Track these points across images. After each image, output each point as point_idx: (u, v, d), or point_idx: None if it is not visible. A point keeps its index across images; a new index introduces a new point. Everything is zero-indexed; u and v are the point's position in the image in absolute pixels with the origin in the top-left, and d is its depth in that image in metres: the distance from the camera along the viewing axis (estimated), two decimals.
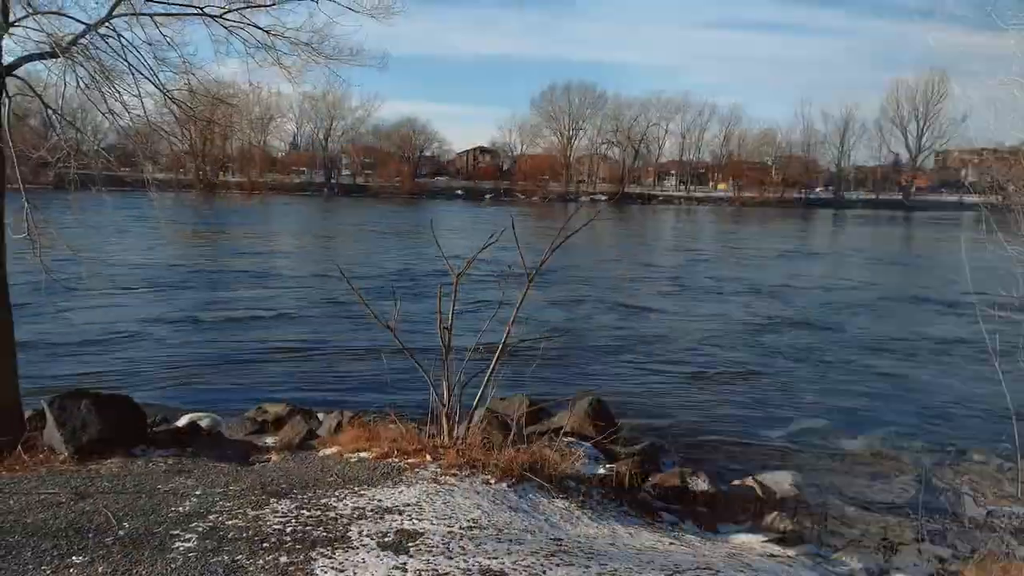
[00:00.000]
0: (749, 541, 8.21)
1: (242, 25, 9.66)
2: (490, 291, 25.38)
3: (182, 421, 12.67)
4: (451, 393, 9.25)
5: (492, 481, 8.06)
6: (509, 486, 8.01)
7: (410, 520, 6.66)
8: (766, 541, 8.18)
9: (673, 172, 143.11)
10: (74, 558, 5.78)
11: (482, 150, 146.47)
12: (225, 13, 9.39)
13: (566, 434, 11.01)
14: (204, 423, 12.69)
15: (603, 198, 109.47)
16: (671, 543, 7.37)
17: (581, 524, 7.50)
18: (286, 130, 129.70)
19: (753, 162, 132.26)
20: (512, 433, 9.89)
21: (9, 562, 5.69)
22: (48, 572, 5.53)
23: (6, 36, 8.21)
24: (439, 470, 8.23)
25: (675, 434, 13.54)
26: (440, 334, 9.18)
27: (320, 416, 12.93)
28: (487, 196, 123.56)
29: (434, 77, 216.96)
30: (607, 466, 10.39)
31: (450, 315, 9.41)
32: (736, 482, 10.88)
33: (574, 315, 25.14)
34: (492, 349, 9.48)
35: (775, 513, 9.16)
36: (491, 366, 9.27)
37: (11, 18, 8.03)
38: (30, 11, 8.04)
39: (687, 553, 6.96)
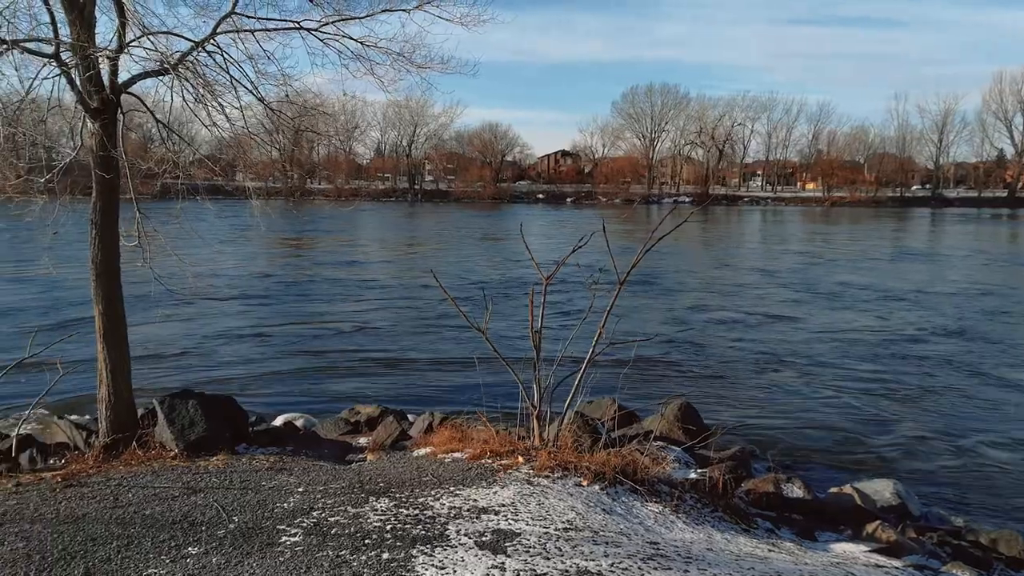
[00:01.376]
0: (851, 550, 7.98)
1: (336, 37, 9.95)
2: (579, 295, 25.51)
3: (278, 421, 13.13)
4: (542, 396, 9.31)
5: (584, 483, 8.07)
6: (602, 489, 8.02)
7: (506, 520, 6.75)
8: (869, 551, 7.93)
9: (759, 172, 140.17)
10: (190, 549, 6.09)
11: (563, 153, 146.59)
12: (321, 26, 9.70)
13: (656, 438, 10.96)
14: (299, 423, 13.12)
15: (687, 200, 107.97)
16: (770, 550, 7.25)
17: (676, 529, 7.44)
18: (371, 137, 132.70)
19: (844, 160, 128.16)
20: (602, 437, 9.91)
21: (132, 551, 6.04)
22: (167, 562, 5.84)
23: (121, 55, 8.67)
24: (531, 472, 8.29)
25: (767, 440, 13.26)
26: (531, 337, 9.24)
27: (410, 417, 13.17)
28: (568, 199, 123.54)
29: (516, 82, 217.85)
30: (698, 471, 10.28)
31: (540, 318, 9.46)
32: (833, 490, 10.58)
33: (663, 319, 24.88)
34: (582, 352, 9.50)
35: (877, 523, 8.87)
36: (581, 369, 9.28)
37: (127, 39, 8.49)
38: (144, 32, 8.49)
39: (787, 560, 6.83)
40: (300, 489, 7.70)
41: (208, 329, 22.08)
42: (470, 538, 6.31)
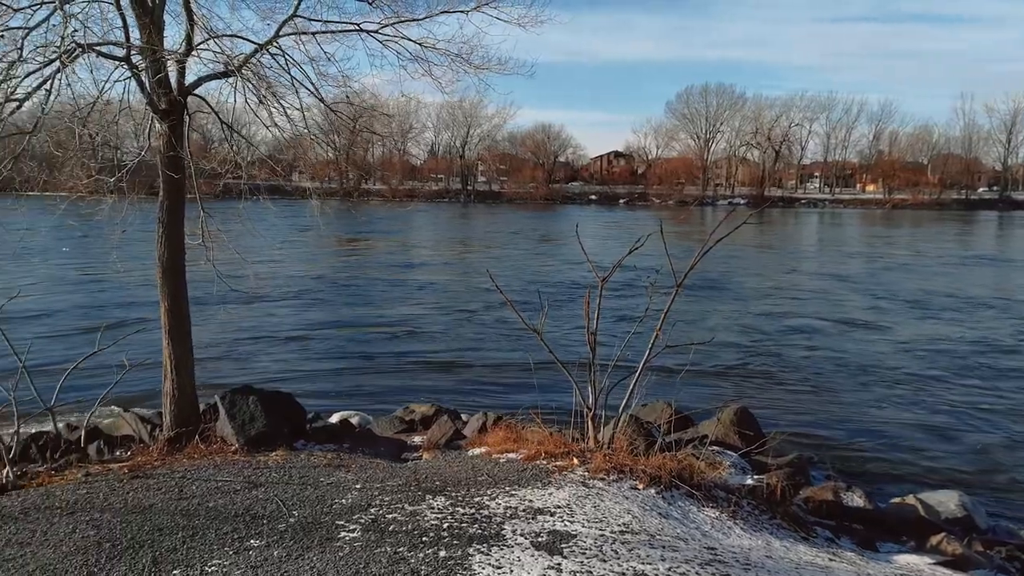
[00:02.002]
0: (915, 562, 7.77)
1: (396, 39, 10.06)
2: (635, 298, 25.34)
3: (334, 418, 13.29)
4: (597, 398, 9.26)
5: (640, 487, 8.01)
6: (657, 492, 7.94)
7: (562, 521, 6.73)
8: (934, 563, 7.71)
9: (817, 174, 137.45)
10: (252, 541, 6.21)
11: (616, 154, 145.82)
12: (381, 28, 9.81)
13: (711, 443, 10.82)
14: (354, 420, 13.27)
15: (742, 202, 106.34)
16: (830, 559, 7.10)
17: (733, 534, 7.33)
18: (425, 138, 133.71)
19: (906, 162, 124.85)
20: (658, 440, 9.82)
21: (197, 542, 6.18)
22: (230, 553, 5.97)
23: (188, 58, 8.89)
24: (586, 473, 8.26)
25: (825, 447, 13.00)
26: (587, 339, 9.19)
27: (464, 417, 13.22)
28: (621, 201, 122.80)
29: (569, 83, 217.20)
30: (755, 477, 10.10)
31: (595, 320, 9.41)
32: (895, 500, 10.31)
33: (721, 323, 24.55)
34: (637, 355, 9.42)
35: (942, 535, 8.60)
36: (637, 371, 9.21)
37: (194, 42, 8.71)
38: (211, 35, 8.70)
39: (849, 571, 6.69)
40: (358, 486, 7.79)
41: (266, 327, 22.54)
42: (526, 538, 6.31)
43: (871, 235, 69.06)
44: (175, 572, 5.68)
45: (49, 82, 7.41)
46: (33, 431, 10.28)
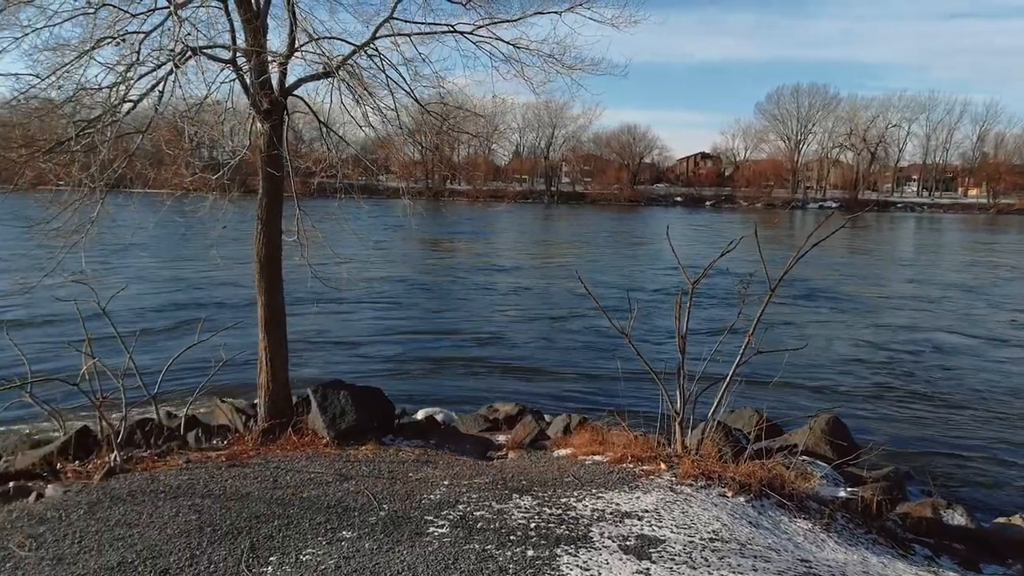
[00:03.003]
0: None
1: (489, 39, 10.12)
2: (723, 302, 24.91)
3: (419, 414, 13.46)
4: (685, 403, 9.12)
5: (729, 494, 7.85)
6: (747, 501, 7.78)
7: (649, 526, 6.65)
8: None
9: (915, 177, 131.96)
10: (344, 532, 6.35)
11: (703, 156, 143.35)
12: (475, 29, 9.88)
13: (801, 453, 10.51)
14: (439, 417, 13.41)
15: (834, 205, 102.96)
16: None
17: (828, 548, 7.11)
18: (510, 139, 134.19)
19: (1013, 164, 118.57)
20: (747, 448, 9.60)
21: (292, 531, 6.36)
22: (324, 543, 6.11)
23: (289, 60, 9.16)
24: (674, 479, 8.14)
25: (922, 462, 12.46)
26: (677, 342, 9.06)
27: (547, 417, 13.21)
28: (707, 203, 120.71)
29: (656, 83, 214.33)
30: (849, 489, 9.78)
31: (685, 324, 9.26)
32: (1000, 520, 9.80)
33: (814, 329, 23.86)
34: (726, 361, 9.24)
35: None
36: (727, 377, 9.03)
37: (296, 44, 8.97)
38: (311, 37, 8.93)
39: None
40: (445, 482, 7.87)
41: (354, 323, 23.07)
42: (614, 541, 6.26)
43: (974, 241, 65.87)
44: (272, 558, 5.85)
45: (161, 84, 7.75)
46: (137, 418, 10.75)
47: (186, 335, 15.89)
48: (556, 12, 9.96)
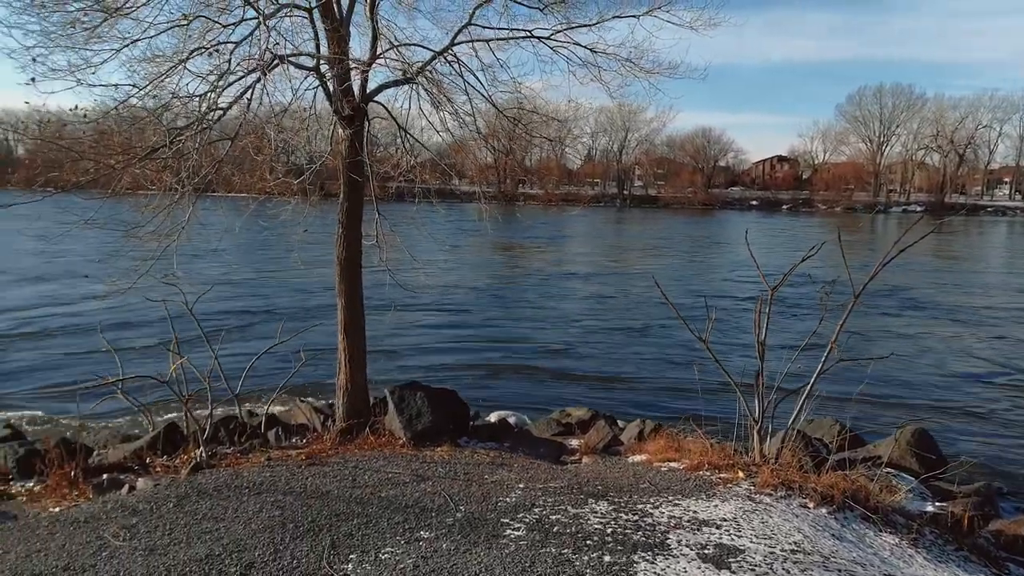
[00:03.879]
0: None
1: (566, 44, 10.13)
2: (802, 309, 24.35)
3: (491, 417, 13.54)
4: (763, 410, 8.94)
5: (811, 505, 7.66)
6: (829, 513, 7.57)
7: (728, 535, 6.53)
8: None
9: (1007, 180, 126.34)
10: (422, 532, 6.42)
11: (779, 159, 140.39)
12: (553, 34, 9.91)
13: (885, 465, 10.18)
14: (511, 420, 13.47)
15: (918, 209, 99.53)
16: None
17: (916, 564, 6.86)
18: (582, 143, 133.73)
19: None
20: (828, 459, 9.35)
21: (371, 529, 6.47)
22: (402, 543, 6.20)
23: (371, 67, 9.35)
24: (752, 488, 7.98)
25: (1016, 478, 11.93)
26: (756, 348, 8.88)
27: (620, 423, 13.13)
28: (784, 207, 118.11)
29: (733, 84, 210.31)
30: (937, 504, 9.44)
31: (764, 331, 9.07)
32: None
33: (899, 339, 23.07)
34: (806, 368, 9.01)
35: None
36: (808, 385, 8.81)
37: (377, 51, 9.15)
38: (392, 44, 9.11)
39: None
40: (520, 485, 7.89)
41: (428, 326, 23.37)
42: (692, 549, 6.17)
43: None
44: (352, 556, 5.96)
45: (249, 91, 8.00)
46: (220, 416, 11.10)
47: (267, 336, 16.34)
48: (634, 16, 9.91)
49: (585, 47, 10.05)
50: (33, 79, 7.24)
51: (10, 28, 7.70)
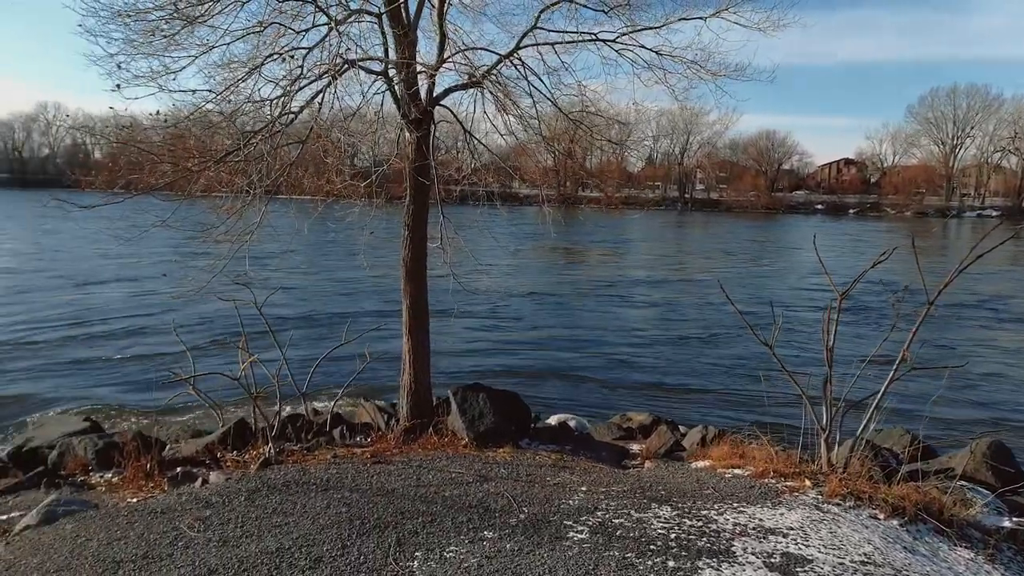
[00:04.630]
0: None
1: (631, 47, 10.09)
2: (872, 316, 23.76)
3: (551, 420, 13.52)
4: (832, 418, 8.75)
5: (881, 517, 7.47)
6: (900, 525, 7.37)
7: (795, 544, 6.41)
8: None
9: None
10: (486, 532, 6.47)
11: (846, 162, 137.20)
12: (618, 37, 9.88)
13: (959, 478, 9.85)
14: (571, 423, 13.43)
15: (994, 213, 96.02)
16: None
17: None
18: (643, 146, 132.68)
19: None
20: (900, 470, 9.10)
21: (435, 528, 6.54)
22: (466, 542, 6.26)
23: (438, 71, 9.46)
24: (820, 497, 7.83)
25: None
26: (824, 355, 8.70)
27: (681, 428, 13.00)
28: (850, 211, 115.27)
29: (798, 86, 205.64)
30: (1015, 520, 9.09)
31: (832, 337, 8.88)
32: None
33: (974, 347, 22.32)
34: (876, 376, 8.79)
35: None
36: (879, 393, 8.58)
37: (444, 56, 9.27)
38: (459, 49, 9.21)
39: None
40: (583, 488, 7.88)
41: (488, 328, 23.51)
42: (758, 557, 6.08)
43: None
44: (417, 553, 6.04)
45: (320, 95, 8.18)
46: (287, 414, 11.34)
47: (332, 336, 16.66)
48: (700, 17, 9.81)
49: (650, 50, 9.99)
50: (119, 85, 7.54)
51: (96, 36, 8.02)
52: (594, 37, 10.05)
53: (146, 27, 8.15)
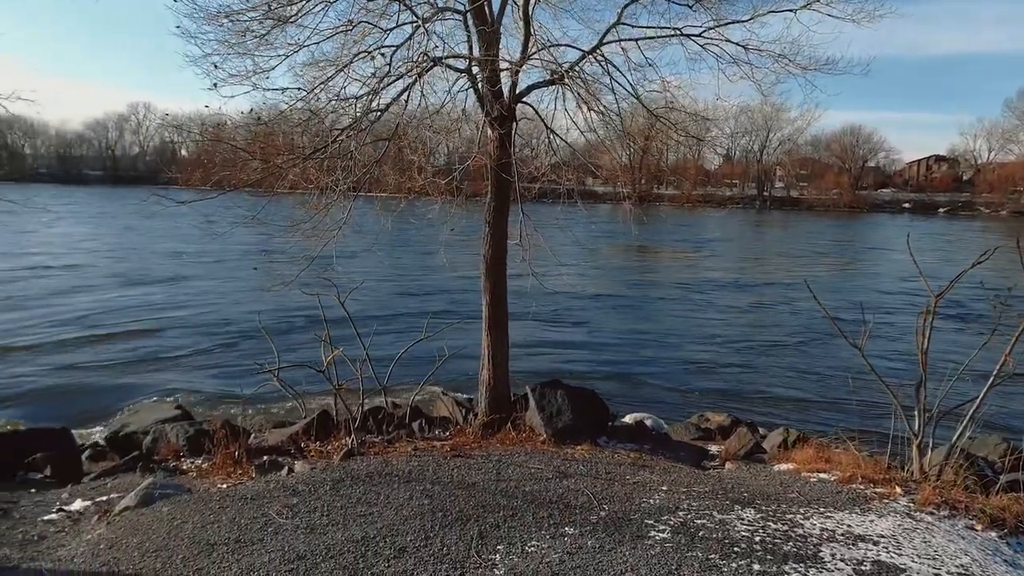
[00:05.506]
0: None
1: (716, 41, 9.92)
2: (968, 320, 22.87)
3: (627, 419, 13.44)
4: (924, 423, 8.45)
5: (978, 527, 7.17)
6: (1000, 537, 7.06)
7: (887, 553, 6.22)
8: None
9: None
10: (566, 528, 6.47)
11: (937, 158, 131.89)
12: (703, 32, 9.73)
13: None
14: (648, 423, 13.32)
15: None
16: None
17: None
18: (720, 143, 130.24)
19: None
20: (998, 480, 8.73)
21: (516, 522, 6.58)
22: (547, 537, 6.27)
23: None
24: (912, 505, 7.56)
25: None
26: (919, 359, 8.40)
27: (761, 430, 12.76)
28: (940, 210, 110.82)
29: (886, 80, 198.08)
30: None
31: (926, 340, 8.57)
32: None
33: None
34: (974, 382, 8.44)
35: None
36: (978, 399, 8.24)
37: (528, 53, 9.29)
38: (543, 45, 9.22)
39: None
40: (663, 488, 7.81)
41: (564, 325, 23.47)
42: (847, 564, 5.92)
43: None
44: (499, 547, 6.08)
45: (405, 93, 8.32)
46: (368, 406, 11.56)
47: (412, 330, 16.89)
48: (790, 10, 9.57)
49: (737, 44, 9.81)
50: (215, 84, 7.81)
51: (192, 37, 8.33)
52: (678, 32, 9.92)
53: (238, 27, 8.42)
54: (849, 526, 6.82)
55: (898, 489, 8.00)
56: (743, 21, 9.65)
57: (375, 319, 21.30)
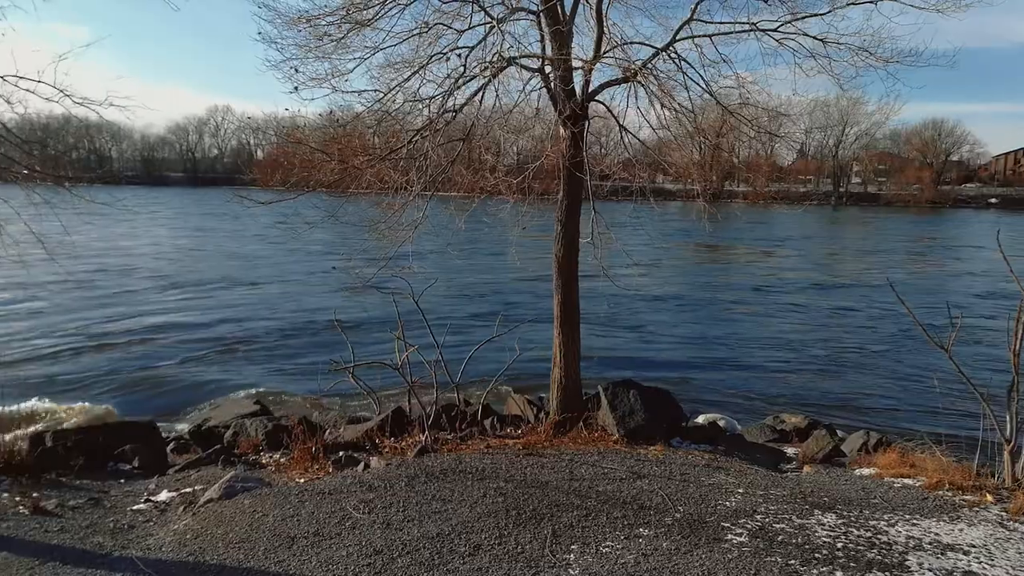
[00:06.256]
0: None
1: (793, 36, 9.68)
2: None
3: (700, 419, 13.27)
4: (1016, 428, 8.10)
5: None
6: None
7: (978, 563, 5.98)
8: None
9: None
10: (641, 529, 6.43)
11: None
12: (779, 26, 9.51)
13: None
14: (721, 424, 13.14)
15: None
16: None
17: None
18: (795, 138, 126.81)
19: None
20: None
21: (590, 522, 6.57)
22: (622, 538, 6.24)
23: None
24: (1004, 514, 7.26)
25: None
26: (1011, 360, 8.05)
27: (839, 433, 12.43)
28: None
29: (972, 71, 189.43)
30: None
31: (1018, 341, 8.20)
32: None
33: None
34: None
35: None
36: None
37: (601, 51, 9.24)
38: (616, 43, 9.16)
39: None
40: (740, 490, 7.67)
41: (636, 324, 23.29)
42: (936, 575, 5.71)
43: None
44: (573, 546, 6.08)
45: (480, 93, 8.37)
46: (441, 404, 11.67)
47: (484, 327, 16.99)
48: (871, 1, 9.26)
49: (814, 37, 9.54)
50: (296, 88, 8.01)
51: (273, 42, 8.55)
52: (754, 27, 9.71)
53: (316, 31, 8.61)
54: (937, 534, 6.60)
55: (989, 497, 7.69)
56: (821, 14, 9.39)
57: (447, 318, 21.51)
